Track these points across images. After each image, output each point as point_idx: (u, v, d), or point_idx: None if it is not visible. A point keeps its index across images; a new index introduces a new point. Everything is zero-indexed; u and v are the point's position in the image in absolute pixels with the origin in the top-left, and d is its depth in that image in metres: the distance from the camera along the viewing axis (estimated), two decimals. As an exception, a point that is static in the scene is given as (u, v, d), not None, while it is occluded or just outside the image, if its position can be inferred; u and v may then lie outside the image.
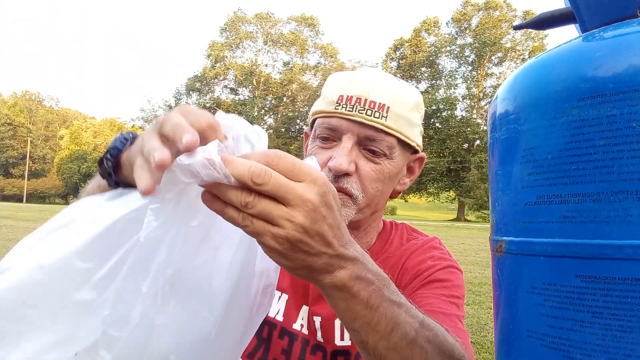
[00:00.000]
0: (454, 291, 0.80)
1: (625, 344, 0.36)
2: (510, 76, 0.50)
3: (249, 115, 42.27)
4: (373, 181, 0.80)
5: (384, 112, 0.78)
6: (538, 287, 0.42)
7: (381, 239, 0.92)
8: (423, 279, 0.81)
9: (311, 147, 0.85)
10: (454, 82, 42.88)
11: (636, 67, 0.37)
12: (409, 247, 0.89)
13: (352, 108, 0.78)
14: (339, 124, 0.79)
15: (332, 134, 0.81)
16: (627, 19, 0.44)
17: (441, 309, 0.74)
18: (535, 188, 0.43)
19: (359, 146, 0.80)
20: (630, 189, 0.36)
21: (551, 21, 0.56)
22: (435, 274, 0.81)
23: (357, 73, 0.84)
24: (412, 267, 0.84)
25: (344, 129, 0.79)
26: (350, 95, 0.79)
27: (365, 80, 0.81)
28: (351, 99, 0.79)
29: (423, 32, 44.60)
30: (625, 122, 0.37)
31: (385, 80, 0.82)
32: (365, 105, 0.78)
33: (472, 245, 12.69)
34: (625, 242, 0.36)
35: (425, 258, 0.85)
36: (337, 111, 0.79)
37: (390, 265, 0.86)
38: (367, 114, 0.78)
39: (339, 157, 0.77)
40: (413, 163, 0.89)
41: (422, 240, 0.91)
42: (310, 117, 0.88)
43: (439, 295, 0.77)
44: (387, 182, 0.82)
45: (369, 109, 0.78)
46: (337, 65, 45.31)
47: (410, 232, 0.95)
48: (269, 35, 47.04)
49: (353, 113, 0.78)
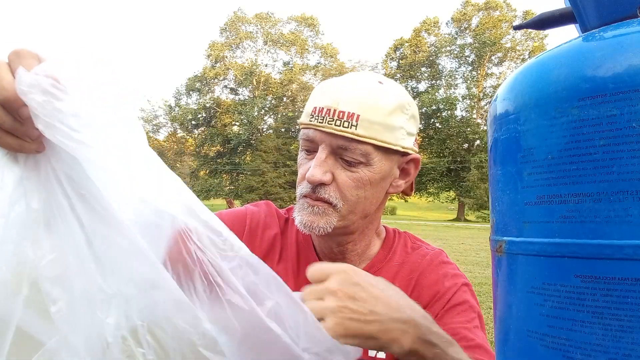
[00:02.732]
0: (473, 313, 0.86)
1: (625, 344, 0.36)
2: (510, 76, 0.50)
3: (249, 115, 42.25)
4: (351, 189, 0.82)
5: (353, 121, 0.78)
6: (538, 287, 0.42)
7: (385, 247, 0.95)
8: (444, 303, 0.86)
9: (299, 158, 0.88)
10: (454, 82, 42.88)
11: (636, 67, 0.37)
12: (418, 261, 0.92)
13: (322, 119, 0.80)
14: (314, 135, 0.82)
15: (310, 145, 0.84)
16: (627, 19, 0.44)
17: (474, 341, 0.80)
18: (535, 188, 0.43)
19: (334, 155, 0.81)
20: (630, 189, 0.36)
21: (551, 21, 0.56)
22: (454, 297, 0.86)
23: (334, 82, 0.85)
24: (429, 286, 0.88)
25: (318, 140, 0.81)
26: (322, 107, 0.81)
27: (336, 90, 0.82)
28: (322, 110, 0.80)
29: (423, 32, 44.59)
30: (625, 122, 0.37)
31: (358, 87, 0.81)
32: (335, 116, 0.79)
33: (472, 245, 12.69)
34: (625, 242, 0.36)
35: (440, 277, 0.89)
36: (311, 123, 0.81)
37: (399, 278, 0.89)
38: (336, 124, 0.79)
39: (313, 168, 0.80)
40: (406, 165, 0.89)
41: (430, 255, 0.93)
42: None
43: (465, 323, 0.83)
44: (368, 188, 0.83)
45: (338, 119, 0.79)
46: (337, 65, 45.30)
47: (414, 241, 0.97)
48: (269, 35, 47.02)
49: (323, 125, 0.80)
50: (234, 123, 45.34)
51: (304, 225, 0.83)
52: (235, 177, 43.37)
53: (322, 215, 0.82)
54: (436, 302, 0.86)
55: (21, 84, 0.46)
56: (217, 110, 44.90)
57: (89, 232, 0.49)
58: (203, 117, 45.30)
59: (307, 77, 46.83)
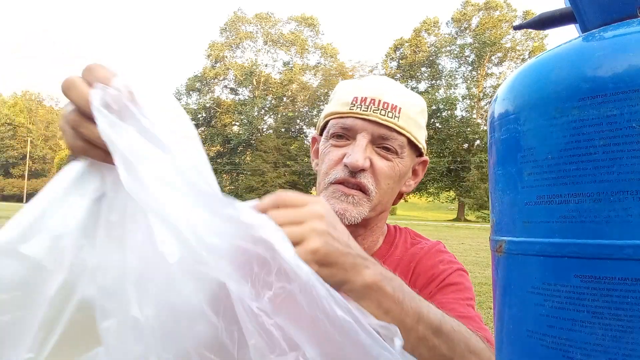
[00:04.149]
0: (468, 293, 0.85)
1: (625, 344, 0.36)
2: (510, 76, 0.50)
3: (249, 115, 42.26)
4: (386, 177, 0.84)
5: (396, 113, 0.83)
6: (538, 287, 0.42)
7: (387, 242, 0.96)
8: (438, 283, 0.85)
9: (324, 147, 0.88)
10: (454, 82, 42.90)
11: (636, 67, 0.37)
12: (417, 252, 0.92)
13: (367, 108, 0.83)
14: (354, 123, 0.83)
15: (346, 133, 0.85)
16: (627, 19, 0.44)
17: (462, 313, 0.78)
18: (535, 188, 0.43)
19: (372, 144, 0.84)
20: (630, 189, 0.36)
21: (551, 21, 0.56)
22: (449, 277, 0.86)
23: (368, 78, 0.90)
24: (425, 272, 0.88)
25: (358, 127, 0.83)
26: (365, 97, 0.84)
27: (377, 83, 0.86)
28: (365, 100, 0.83)
29: (423, 32, 44.60)
30: (625, 122, 0.37)
31: (395, 84, 0.89)
32: (380, 106, 0.83)
33: (472, 245, 12.70)
34: (625, 242, 0.36)
35: (436, 262, 0.89)
36: (352, 111, 0.83)
37: (400, 270, 0.90)
38: (381, 113, 0.82)
39: (355, 154, 0.81)
40: (417, 166, 0.94)
41: (428, 245, 0.95)
42: (321, 122, 0.92)
43: (457, 300, 0.82)
44: (397, 179, 0.86)
45: (383, 109, 0.82)
46: (337, 65, 45.29)
47: (414, 237, 0.99)
48: (269, 35, 47.04)
49: (368, 113, 0.82)
50: (234, 123, 45.37)
51: None
52: (235, 177, 43.41)
53: (355, 204, 0.82)
54: (430, 282, 0.86)
55: (95, 100, 0.46)
56: (217, 110, 44.92)
57: None
58: (203, 117, 45.32)
59: (307, 77, 46.85)
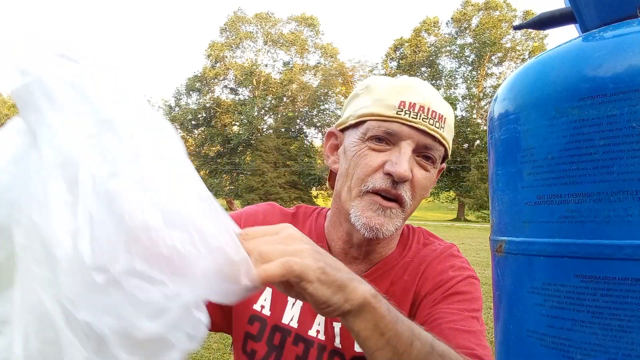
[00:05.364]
0: (474, 304, 0.81)
1: (625, 344, 0.36)
2: (510, 76, 0.50)
3: (249, 115, 42.25)
4: (422, 188, 0.81)
5: (442, 123, 0.80)
6: (538, 287, 0.42)
7: (400, 244, 0.92)
8: (444, 290, 0.82)
9: (358, 148, 0.82)
10: (454, 82, 42.88)
11: (636, 67, 0.37)
12: (427, 254, 0.89)
13: (416, 115, 0.78)
14: (400, 130, 0.79)
15: (389, 138, 0.80)
16: (627, 19, 0.44)
17: (464, 326, 0.75)
18: (535, 188, 0.43)
19: (413, 153, 0.80)
20: (630, 189, 0.36)
21: (551, 21, 0.56)
22: (456, 286, 0.82)
23: (409, 80, 0.84)
24: (433, 277, 0.84)
25: (404, 134, 0.79)
26: (413, 103, 0.79)
27: (423, 89, 0.81)
28: (414, 106, 0.79)
29: (423, 32, 44.60)
30: (625, 122, 0.37)
31: (435, 90, 0.84)
32: (429, 114, 0.79)
33: (472, 245, 12.69)
34: (625, 242, 0.36)
35: (446, 267, 0.85)
36: (399, 116, 0.79)
37: (409, 272, 0.86)
38: (429, 122, 0.79)
39: (403, 163, 0.77)
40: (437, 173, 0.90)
41: (440, 248, 0.90)
42: (351, 119, 0.85)
43: (461, 311, 0.78)
44: (427, 189, 0.84)
45: (431, 118, 0.79)
46: (337, 65, 45.28)
47: (427, 237, 0.95)
48: (269, 35, 47.01)
49: (417, 120, 0.78)
50: (234, 123, 45.37)
51: (369, 228, 0.78)
52: (235, 177, 43.39)
53: (391, 218, 0.79)
54: (437, 289, 0.82)
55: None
56: (217, 110, 44.91)
57: None
58: (203, 117, 45.32)
59: (307, 77, 46.84)
